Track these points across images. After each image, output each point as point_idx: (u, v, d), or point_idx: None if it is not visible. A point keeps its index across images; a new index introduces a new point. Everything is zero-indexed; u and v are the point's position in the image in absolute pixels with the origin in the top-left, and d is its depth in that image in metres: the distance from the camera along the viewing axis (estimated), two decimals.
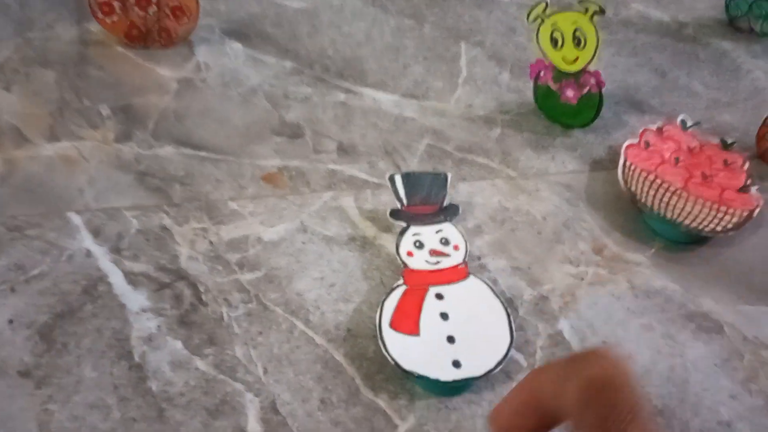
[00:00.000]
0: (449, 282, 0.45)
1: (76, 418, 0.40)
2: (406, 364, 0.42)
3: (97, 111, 0.59)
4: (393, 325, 0.43)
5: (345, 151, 0.57)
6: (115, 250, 0.49)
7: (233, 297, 0.47)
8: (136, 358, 0.43)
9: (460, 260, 0.47)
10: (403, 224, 0.49)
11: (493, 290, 0.45)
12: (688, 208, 0.52)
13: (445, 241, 0.47)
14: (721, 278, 0.51)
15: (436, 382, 0.41)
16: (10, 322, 0.44)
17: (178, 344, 0.44)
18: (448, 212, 0.49)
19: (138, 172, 0.54)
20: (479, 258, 0.50)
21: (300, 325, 0.45)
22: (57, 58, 0.63)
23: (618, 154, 0.57)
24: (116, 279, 0.47)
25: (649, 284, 0.50)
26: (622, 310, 0.48)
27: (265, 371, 0.43)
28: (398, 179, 0.51)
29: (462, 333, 0.43)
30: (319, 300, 0.47)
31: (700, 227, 0.51)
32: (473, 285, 0.46)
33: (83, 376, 0.42)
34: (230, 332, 0.45)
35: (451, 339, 0.43)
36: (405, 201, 0.50)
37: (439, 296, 0.45)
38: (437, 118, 0.61)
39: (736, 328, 0.48)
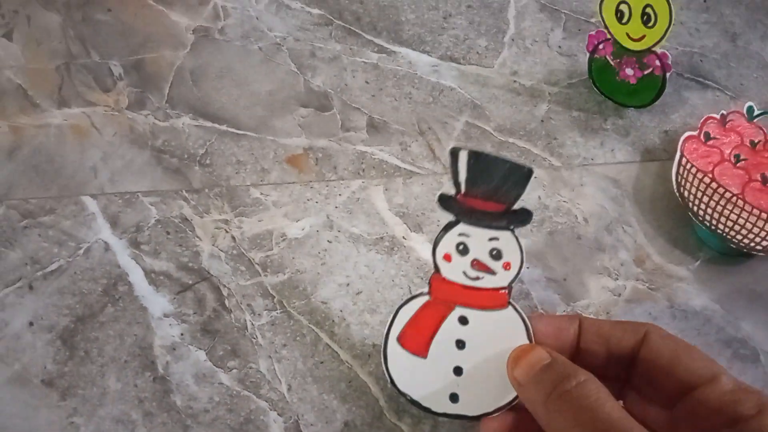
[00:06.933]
0: (481, 307, 0.39)
1: None
2: (402, 385, 0.38)
3: (107, 68, 0.54)
4: (401, 340, 0.38)
5: (375, 128, 0.53)
6: (135, 244, 0.47)
7: (257, 303, 0.45)
8: (160, 370, 0.43)
9: (505, 284, 0.38)
10: (452, 217, 0.38)
11: (527, 330, 0.38)
12: (741, 221, 0.48)
13: (497, 254, 0.38)
14: (766, 298, 0.48)
15: (428, 409, 0.38)
16: (31, 324, 0.44)
17: (202, 355, 0.43)
18: (516, 218, 0.37)
19: (155, 149, 0.51)
20: None
21: (325, 338, 0.44)
22: None
23: (673, 142, 0.52)
24: (137, 278, 0.46)
25: (689, 303, 0.47)
26: None
27: (289, 388, 0.43)
28: (463, 157, 0.37)
29: (472, 367, 0.38)
30: (344, 310, 0.45)
31: (753, 244, 0.48)
32: (508, 318, 0.38)
33: (107, 388, 0.42)
34: (254, 343, 0.44)
35: (458, 370, 0.38)
36: (463, 187, 0.37)
37: (463, 320, 0.38)
38: (478, 89, 0.55)
39: None
